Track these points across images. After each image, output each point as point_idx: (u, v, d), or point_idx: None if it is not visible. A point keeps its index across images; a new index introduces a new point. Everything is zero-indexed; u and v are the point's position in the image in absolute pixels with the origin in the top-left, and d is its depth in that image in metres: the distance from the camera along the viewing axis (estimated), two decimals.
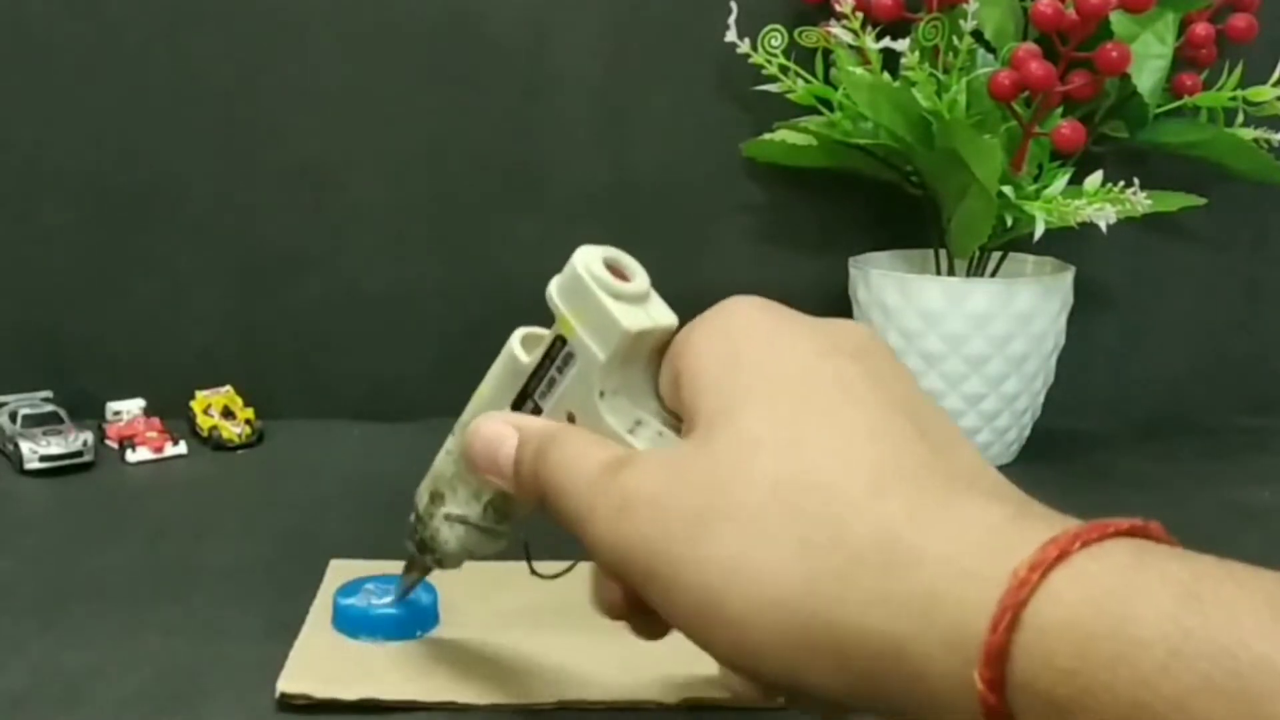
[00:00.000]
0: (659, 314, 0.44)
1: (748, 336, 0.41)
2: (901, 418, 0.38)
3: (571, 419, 0.45)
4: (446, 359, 0.95)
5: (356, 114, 0.94)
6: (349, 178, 0.94)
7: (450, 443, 0.52)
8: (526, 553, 0.53)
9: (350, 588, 0.61)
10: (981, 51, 0.85)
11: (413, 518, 0.54)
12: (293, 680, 0.54)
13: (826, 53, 0.88)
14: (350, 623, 0.59)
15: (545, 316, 1.02)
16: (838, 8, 0.83)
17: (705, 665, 0.57)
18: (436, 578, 0.58)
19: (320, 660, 0.57)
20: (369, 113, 0.94)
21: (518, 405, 0.48)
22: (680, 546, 0.38)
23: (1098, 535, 0.32)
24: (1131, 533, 0.33)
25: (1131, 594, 0.30)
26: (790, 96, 0.88)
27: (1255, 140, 0.87)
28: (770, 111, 0.90)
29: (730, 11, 0.87)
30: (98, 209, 0.93)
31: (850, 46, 0.84)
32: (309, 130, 0.94)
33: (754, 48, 0.87)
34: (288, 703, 0.54)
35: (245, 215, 0.94)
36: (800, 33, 0.88)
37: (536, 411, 0.47)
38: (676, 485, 0.38)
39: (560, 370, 0.46)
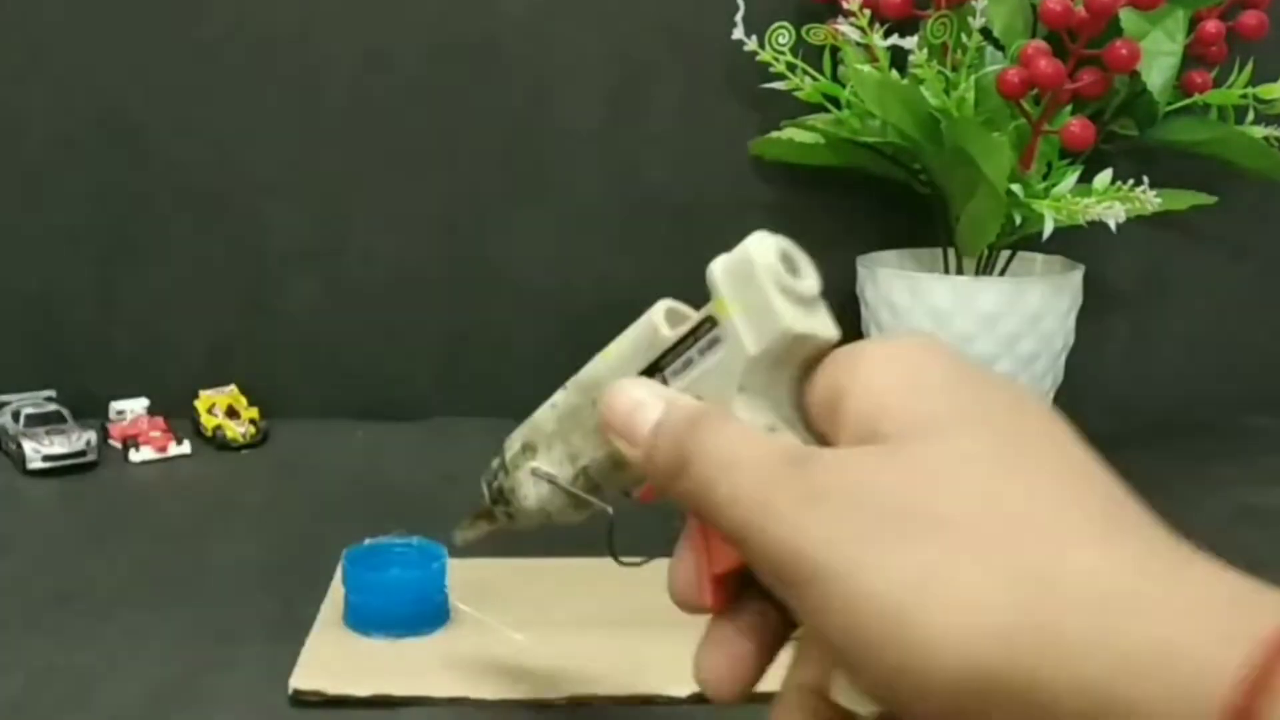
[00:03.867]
0: (822, 324, 0.41)
1: (938, 364, 0.38)
2: (1094, 471, 0.36)
3: None
4: (451, 359, 0.95)
5: (363, 114, 0.93)
6: (354, 177, 0.94)
7: (558, 398, 0.48)
8: (610, 536, 0.49)
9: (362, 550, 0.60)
10: (990, 49, 0.85)
11: (496, 464, 0.51)
12: (306, 677, 0.54)
13: (834, 50, 0.87)
14: (362, 620, 0.59)
15: (555, 319, 1.02)
16: (845, 5, 0.83)
17: None
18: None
19: (333, 657, 0.57)
20: (376, 112, 0.93)
21: (646, 376, 0.44)
22: (871, 548, 0.34)
23: None
24: None
25: None
26: (798, 94, 0.88)
27: (1265, 138, 0.87)
28: (778, 109, 0.90)
29: (738, 9, 0.86)
30: (101, 208, 0.93)
31: (858, 44, 0.84)
32: (314, 130, 0.93)
33: (761, 45, 0.87)
34: (300, 699, 0.53)
35: (250, 215, 0.94)
36: (808, 30, 0.88)
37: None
38: (876, 483, 0.35)
39: (702, 353, 0.42)
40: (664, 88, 0.94)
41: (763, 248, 0.41)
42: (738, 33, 0.87)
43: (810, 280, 0.41)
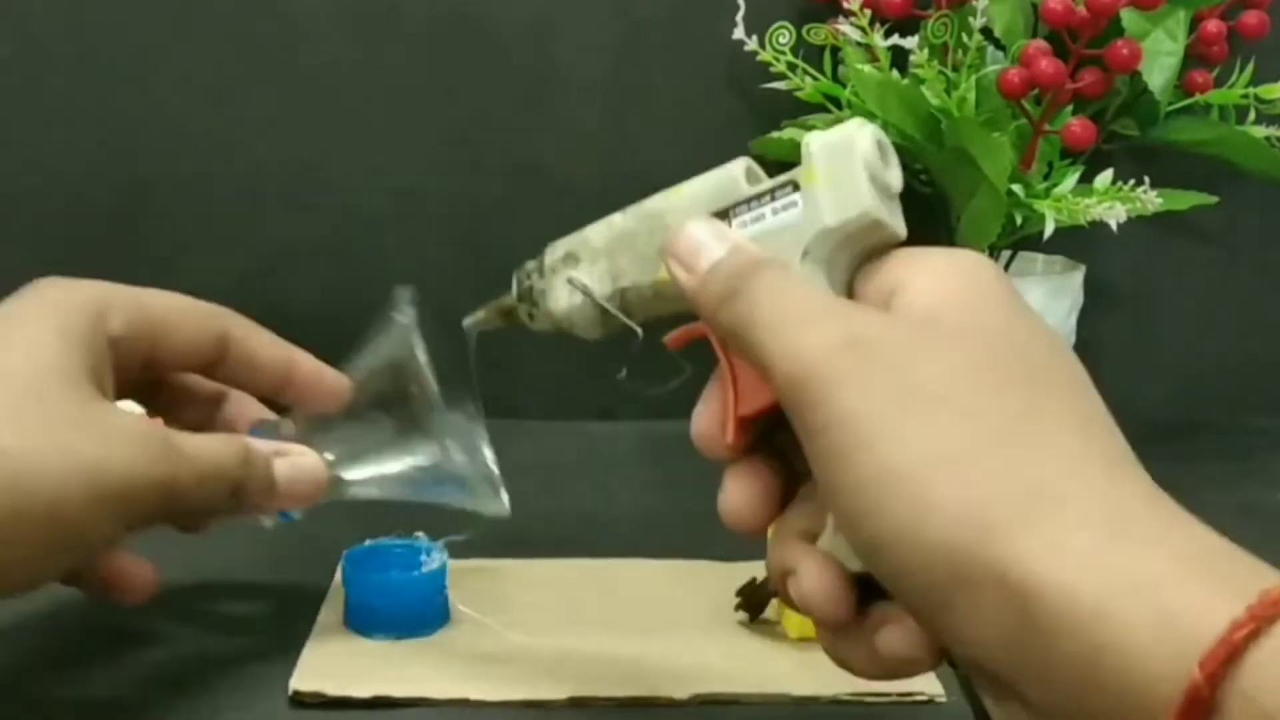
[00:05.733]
0: (897, 220, 0.43)
1: (997, 291, 0.40)
2: (1117, 434, 0.38)
3: None
4: (452, 358, 0.95)
5: (361, 113, 0.93)
6: (352, 177, 0.94)
7: (615, 218, 0.50)
8: (632, 354, 0.49)
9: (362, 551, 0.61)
10: (991, 49, 0.85)
11: (531, 265, 0.52)
12: (306, 679, 0.54)
13: (835, 50, 0.87)
14: (362, 621, 0.59)
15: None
16: (846, 5, 0.83)
17: (716, 661, 0.58)
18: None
19: (333, 658, 0.57)
20: (374, 112, 0.93)
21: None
22: (903, 419, 0.36)
23: None
24: None
25: None
26: (798, 94, 0.88)
27: (1267, 138, 0.86)
28: (778, 109, 0.90)
29: (738, 9, 0.86)
30: (96, 207, 0.93)
31: (859, 44, 0.84)
32: (313, 130, 0.93)
33: (762, 45, 0.87)
34: (300, 700, 0.53)
35: (248, 215, 0.94)
36: (808, 30, 0.88)
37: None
38: (921, 360, 0.37)
39: (775, 212, 0.44)
40: (664, 87, 0.94)
41: (864, 133, 0.42)
42: (738, 33, 0.87)
43: (897, 175, 0.43)
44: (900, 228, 0.43)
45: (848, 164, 0.42)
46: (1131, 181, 0.78)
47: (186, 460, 0.51)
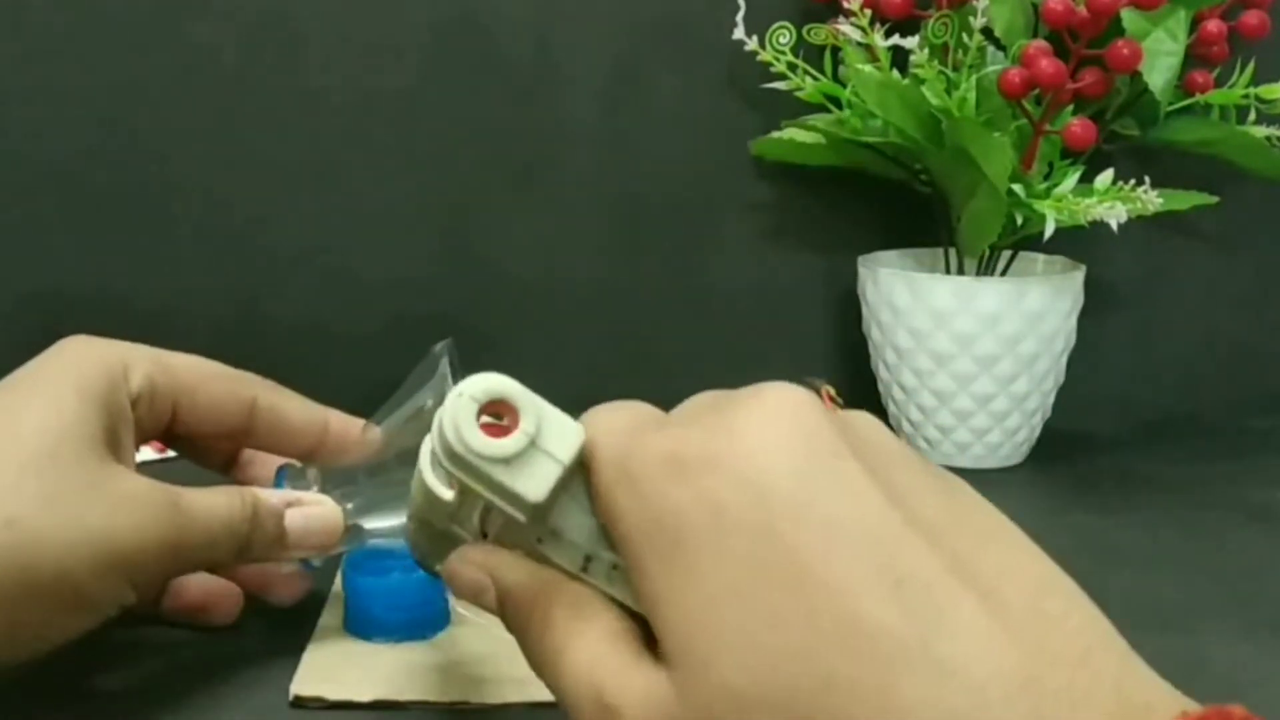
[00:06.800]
0: (559, 448, 0.39)
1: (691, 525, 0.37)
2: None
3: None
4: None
5: (359, 113, 0.93)
6: (351, 177, 0.94)
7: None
8: None
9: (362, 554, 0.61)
10: (991, 49, 0.85)
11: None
12: (306, 683, 0.54)
13: (835, 50, 0.87)
14: (362, 625, 0.59)
15: (554, 319, 1.01)
16: (846, 5, 0.83)
17: None
18: None
19: (333, 662, 0.56)
20: (372, 112, 0.93)
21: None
22: None
23: None
24: None
25: None
26: (798, 94, 0.88)
27: (1267, 138, 0.86)
28: (778, 109, 0.90)
29: (738, 9, 0.86)
30: (96, 208, 0.93)
31: (859, 44, 0.84)
32: (311, 129, 0.93)
33: (762, 45, 0.87)
34: (301, 704, 0.53)
35: (246, 215, 0.94)
36: (809, 30, 0.88)
37: (483, 532, 0.43)
38: None
39: (489, 511, 0.42)
40: (664, 87, 0.94)
41: (459, 426, 0.39)
42: (738, 33, 0.87)
43: (524, 418, 0.39)
44: (567, 450, 0.39)
45: (479, 475, 0.39)
46: (1132, 181, 0.78)
47: (194, 522, 0.52)
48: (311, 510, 0.57)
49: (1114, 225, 0.77)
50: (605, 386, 0.98)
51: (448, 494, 0.42)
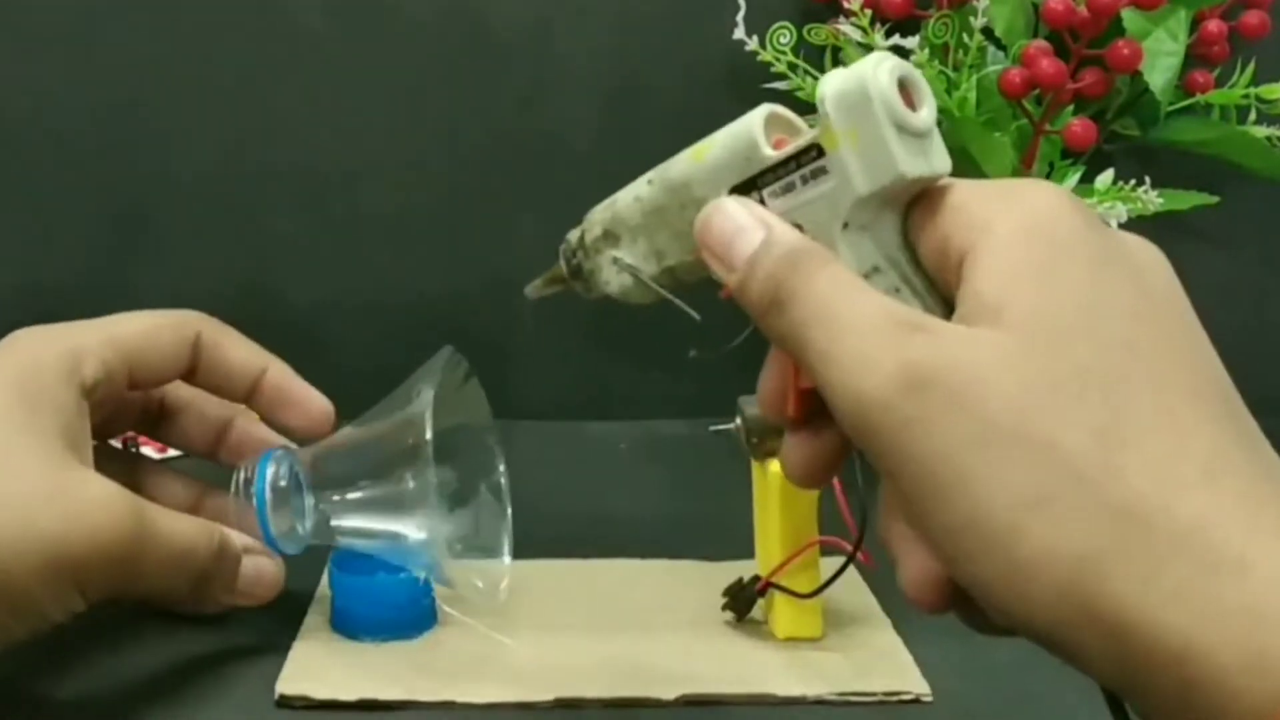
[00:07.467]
0: (937, 159, 0.38)
1: (1077, 249, 0.36)
2: (1228, 395, 0.36)
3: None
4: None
5: (359, 115, 0.93)
6: (351, 179, 0.94)
7: (642, 190, 0.46)
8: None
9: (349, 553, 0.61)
10: (992, 49, 0.85)
11: (576, 237, 0.50)
12: (291, 682, 0.54)
13: (835, 50, 0.87)
14: (349, 624, 0.59)
15: (553, 319, 1.01)
16: (846, 5, 0.83)
17: (703, 662, 0.57)
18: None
19: (319, 661, 0.57)
20: (372, 113, 0.93)
21: (740, 192, 0.41)
22: (980, 461, 0.33)
23: None
24: None
25: None
26: (799, 94, 0.88)
27: (1268, 138, 0.86)
28: None
29: (738, 9, 0.86)
30: (98, 209, 0.93)
31: (859, 44, 0.84)
32: (312, 131, 0.93)
33: (762, 45, 0.86)
34: (286, 704, 0.53)
35: (247, 217, 0.94)
36: (809, 30, 0.88)
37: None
38: (989, 388, 0.34)
39: (805, 181, 0.39)
40: (664, 88, 0.94)
41: (879, 75, 0.38)
42: (738, 33, 0.86)
43: (928, 109, 0.38)
44: (942, 165, 0.38)
45: (868, 122, 0.38)
46: (1132, 181, 0.78)
47: (154, 538, 0.52)
48: (261, 562, 0.58)
49: (1114, 225, 0.76)
50: (606, 387, 0.98)
51: (768, 150, 0.41)
